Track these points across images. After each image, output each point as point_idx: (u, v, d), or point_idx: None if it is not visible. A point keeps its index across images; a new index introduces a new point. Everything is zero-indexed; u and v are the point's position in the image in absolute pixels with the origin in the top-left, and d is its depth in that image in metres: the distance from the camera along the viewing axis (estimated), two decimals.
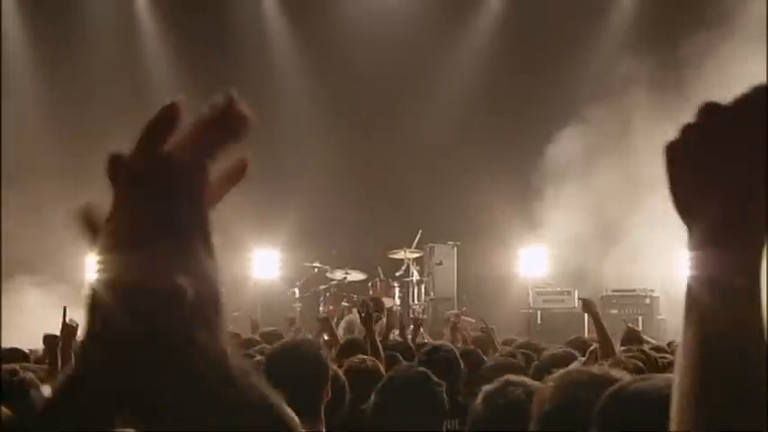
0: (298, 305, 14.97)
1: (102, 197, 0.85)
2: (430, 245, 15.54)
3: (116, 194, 0.86)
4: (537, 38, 16.48)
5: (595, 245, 13.50)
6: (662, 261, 14.31)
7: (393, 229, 15.31)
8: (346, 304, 14.31)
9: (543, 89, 15.85)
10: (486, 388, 3.13)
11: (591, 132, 14.93)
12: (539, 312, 14.60)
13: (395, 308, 14.68)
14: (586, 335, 12.69)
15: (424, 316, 14.05)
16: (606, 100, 14.81)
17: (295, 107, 16.96)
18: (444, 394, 3.68)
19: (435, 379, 3.63)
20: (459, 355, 5.31)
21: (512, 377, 3.20)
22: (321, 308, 14.74)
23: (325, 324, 8.94)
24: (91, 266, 0.85)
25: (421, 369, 3.79)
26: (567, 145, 15.16)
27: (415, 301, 15.02)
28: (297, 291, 15.13)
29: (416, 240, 15.07)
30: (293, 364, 3.51)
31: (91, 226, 0.90)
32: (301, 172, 16.30)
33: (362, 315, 6.50)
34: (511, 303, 14.95)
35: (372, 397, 3.62)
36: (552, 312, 14.45)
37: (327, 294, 14.88)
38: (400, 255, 15.03)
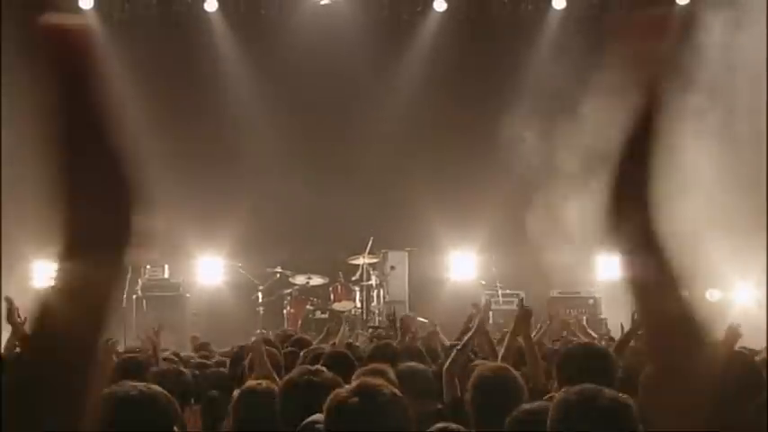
0: (261, 309, 15.70)
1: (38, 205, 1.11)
2: (384, 251, 16.30)
3: None
4: (482, 50, 17.07)
5: (542, 250, 14.32)
6: (602, 265, 15.39)
7: (351, 237, 16.04)
8: (310, 307, 15.08)
9: (491, 98, 16.50)
10: None
11: (532, 142, 15.78)
12: (490, 313, 15.44)
13: (354, 310, 15.56)
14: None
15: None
16: (547, 111, 15.61)
17: (249, 115, 17.09)
18: None
19: None
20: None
21: None
22: (285, 311, 15.57)
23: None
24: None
25: None
26: (510, 154, 16.05)
27: (374, 304, 15.89)
28: (260, 295, 15.85)
29: (369, 247, 15.82)
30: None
31: None
32: (254, 180, 16.61)
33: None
34: (463, 305, 15.75)
35: None
36: (502, 313, 15.31)
37: (290, 298, 15.68)
38: (359, 261, 15.81)
